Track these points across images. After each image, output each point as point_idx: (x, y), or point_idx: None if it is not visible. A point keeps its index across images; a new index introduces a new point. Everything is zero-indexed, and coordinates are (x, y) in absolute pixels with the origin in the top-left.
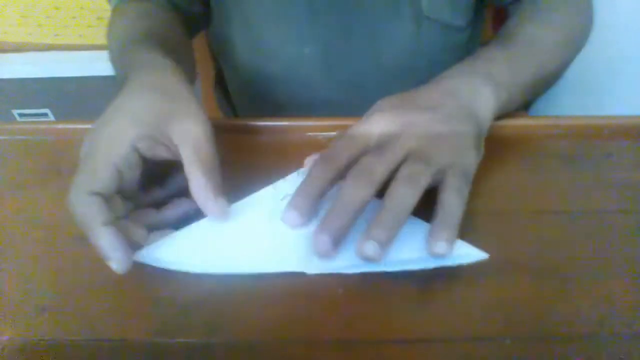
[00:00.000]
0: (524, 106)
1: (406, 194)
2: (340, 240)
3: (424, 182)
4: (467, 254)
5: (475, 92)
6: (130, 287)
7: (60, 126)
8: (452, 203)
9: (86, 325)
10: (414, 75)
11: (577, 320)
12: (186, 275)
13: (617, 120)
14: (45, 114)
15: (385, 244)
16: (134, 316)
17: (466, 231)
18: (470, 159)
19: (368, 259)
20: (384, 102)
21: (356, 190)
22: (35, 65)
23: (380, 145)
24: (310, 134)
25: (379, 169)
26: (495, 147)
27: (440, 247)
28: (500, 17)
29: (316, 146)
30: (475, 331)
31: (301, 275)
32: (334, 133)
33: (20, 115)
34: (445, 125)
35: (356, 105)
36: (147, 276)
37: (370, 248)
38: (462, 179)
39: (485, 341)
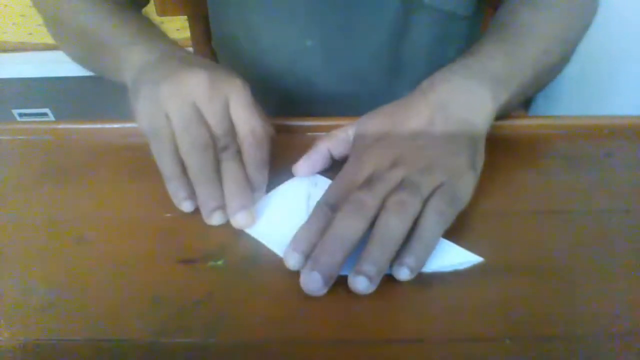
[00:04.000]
0: (525, 104)
1: (395, 224)
2: (332, 278)
3: (412, 210)
4: (462, 259)
5: (470, 99)
6: (130, 287)
7: (60, 126)
8: (428, 227)
9: (86, 325)
10: (415, 66)
11: (577, 320)
12: (186, 275)
13: (617, 120)
14: (45, 114)
15: (375, 278)
16: (134, 316)
17: (466, 231)
18: (465, 180)
19: (360, 293)
20: (369, 125)
21: (348, 223)
22: (35, 65)
23: (370, 179)
24: (310, 134)
25: (370, 202)
26: (495, 147)
27: (403, 273)
28: None
29: None
30: (475, 331)
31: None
32: None
33: (20, 115)
34: (436, 147)
35: (357, 97)
36: (147, 276)
37: (361, 283)
38: (447, 201)
39: (485, 341)
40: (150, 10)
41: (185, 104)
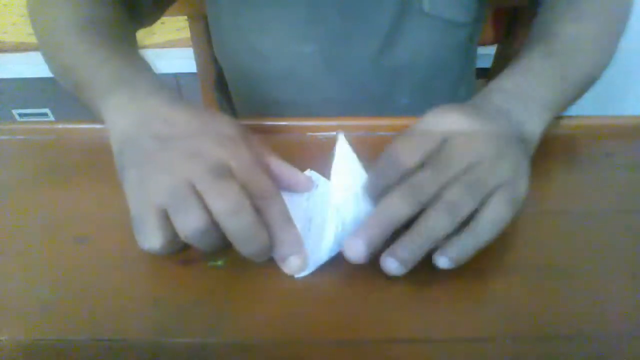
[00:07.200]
0: None
1: (443, 223)
2: (373, 249)
3: (466, 211)
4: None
5: (523, 118)
6: (130, 287)
7: (60, 126)
8: (483, 224)
9: (86, 325)
10: (414, 72)
11: (577, 320)
12: (186, 275)
13: (617, 120)
14: (45, 114)
15: (408, 264)
16: (134, 316)
17: None
18: (523, 184)
19: (389, 273)
20: (443, 107)
21: (401, 206)
22: (35, 65)
23: (437, 157)
24: (310, 134)
25: (430, 189)
26: None
27: (443, 262)
28: (501, 17)
29: (316, 146)
30: (475, 331)
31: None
32: (334, 133)
33: (20, 115)
34: (503, 145)
35: (356, 103)
36: (147, 276)
37: (392, 264)
38: (508, 201)
39: (485, 341)
40: None
41: (189, 202)
